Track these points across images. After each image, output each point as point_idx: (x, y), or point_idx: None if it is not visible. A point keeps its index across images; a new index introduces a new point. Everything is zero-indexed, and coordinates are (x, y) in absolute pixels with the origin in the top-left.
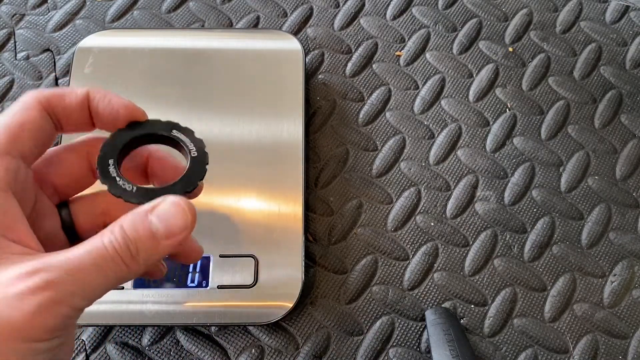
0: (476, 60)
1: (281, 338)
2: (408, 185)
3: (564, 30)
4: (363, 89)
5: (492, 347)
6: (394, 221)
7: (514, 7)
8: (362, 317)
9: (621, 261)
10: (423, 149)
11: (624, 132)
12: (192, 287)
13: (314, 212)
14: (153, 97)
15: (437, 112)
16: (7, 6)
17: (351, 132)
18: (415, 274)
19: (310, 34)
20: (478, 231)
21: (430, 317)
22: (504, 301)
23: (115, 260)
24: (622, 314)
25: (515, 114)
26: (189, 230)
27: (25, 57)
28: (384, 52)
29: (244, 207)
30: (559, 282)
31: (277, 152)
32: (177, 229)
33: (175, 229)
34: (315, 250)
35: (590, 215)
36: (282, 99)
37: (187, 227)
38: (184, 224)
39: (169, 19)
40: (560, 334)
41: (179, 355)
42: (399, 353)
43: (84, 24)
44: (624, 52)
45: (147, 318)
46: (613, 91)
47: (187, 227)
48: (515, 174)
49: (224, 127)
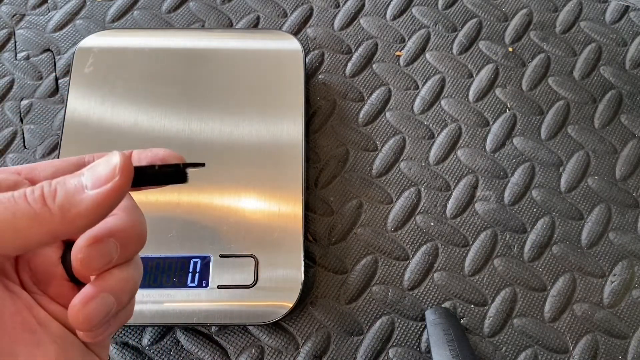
0: (476, 60)
1: (281, 338)
2: (408, 185)
3: (563, 30)
4: (363, 89)
5: (492, 347)
6: (394, 221)
7: (514, 7)
8: (362, 317)
9: (621, 261)
10: (423, 149)
11: (624, 132)
12: (192, 287)
13: (314, 212)
14: (153, 97)
15: (437, 112)
16: (7, 6)
17: (351, 132)
18: (415, 274)
19: (310, 34)
20: (478, 231)
21: (430, 317)
22: (504, 301)
23: (23, 198)
24: (622, 314)
25: (515, 114)
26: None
27: (26, 57)
28: (384, 52)
29: (244, 207)
30: (559, 282)
31: (277, 152)
32: (104, 177)
33: (101, 176)
34: (315, 250)
35: (590, 215)
36: (282, 99)
37: (114, 176)
38: (112, 173)
39: (169, 19)
40: (560, 333)
41: (179, 355)
42: (399, 353)
43: (84, 24)
44: (624, 52)
45: (147, 318)
46: (613, 91)
47: (115, 177)
48: (515, 174)
49: (224, 127)
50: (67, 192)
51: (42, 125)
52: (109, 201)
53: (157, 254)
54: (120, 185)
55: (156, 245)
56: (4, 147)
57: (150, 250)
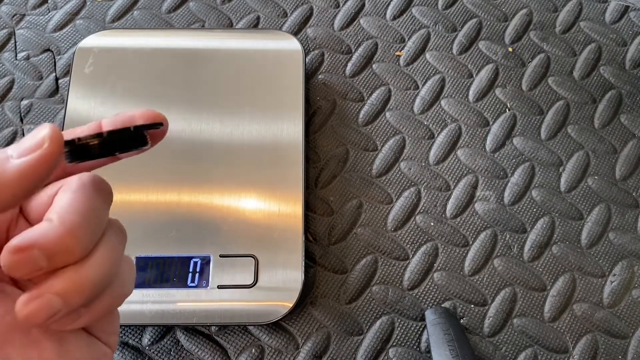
0: (476, 61)
1: (281, 338)
2: (408, 185)
3: (563, 30)
4: (363, 89)
5: (492, 347)
6: (394, 221)
7: (514, 7)
8: (362, 317)
9: (621, 261)
10: (423, 149)
11: (624, 132)
12: (192, 287)
13: (314, 212)
14: (153, 97)
15: (437, 112)
16: (8, 6)
17: (351, 132)
18: (415, 274)
19: (310, 34)
20: (478, 231)
21: (430, 317)
22: (504, 301)
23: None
24: (621, 313)
25: (515, 114)
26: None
27: (26, 57)
28: (384, 52)
29: (244, 207)
30: (559, 282)
31: (277, 152)
32: (30, 146)
33: (27, 146)
34: (315, 250)
35: (590, 215)
36: (282, 99)
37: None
38: (40, 142)
39: (169, 19)
40: (560, 333)
41: (179, 355)
42: (399, 353)
43: (84, 24)
44: (624, 52)
45: (147, 318)
46: (613, 91)
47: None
48: (515, 174)
49: (224, 127)
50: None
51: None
52: (36, 170)
53: (157, 254)
54: (48, 154)
55: (156, 245)
56: (4, 147)
57: (150, 250)
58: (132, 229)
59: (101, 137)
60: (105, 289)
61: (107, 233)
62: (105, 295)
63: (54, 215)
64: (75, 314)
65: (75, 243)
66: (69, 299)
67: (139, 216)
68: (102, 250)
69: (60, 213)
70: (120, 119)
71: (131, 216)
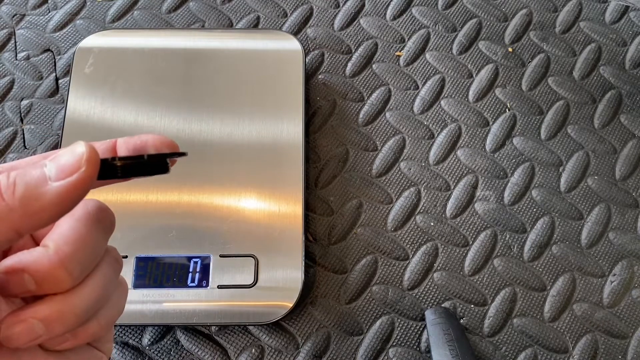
0: (476, 61)
1: (281, 338)
2: (408, 185)
3: (563, 30)
4: (363, 89)
5: (492, 346)
6: (394, 221)
7: (514, 7)
8: (362, 317)
9: (621, 261)
10: (423, 149)
11: (624, 132)
12: (192, 287)
13: (314, 212)
14: (153, 97)
15: (437, 112)
16: (8, 6)
17: (351, 132)
18: (415, 274)
19: (310, 34)
20: (478, 231)
21: (430, 317)
22: (504, 301)
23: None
24: (621, 313)
25: (515, 114)
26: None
27: (26, 57)
28: (384, 52)
29: (244, 207)
30: (559, 282)
31: (277, 152)
32: (69, 167)
33: (66, 167)
34: (315, 250)
35: (590, 215)
36: (282, 99)
37: (80, 167)
38: (78, 163)
39: (169, 19)
40: (559, 333)
41: (179, 355)
42: (398, 353)
43: (85, 24)
44: (624, 52)
45: (147, 318)
46: (612, 91)
47: (80, 168)
48: (515, 174)
49: (224, 127)
50: (28, 184)
51: (42, 125)
52: (74, 194)
53: (157, 254)
54: (86, 177)
55: (156, 245)
56: (4, 147)
57: (150, 250)
58: (132, 229)
59: (142, 159)
60: (92, 317)
61: (101, 263)
62: (92, 322)
63: (51, 242)
64: (61, 338)
65: (65, 275)
66: (51, 326)
67: (139, 216)
68: (94, 281)
69: (57, 242)
70: (132, 142)
71: (131, 216)
